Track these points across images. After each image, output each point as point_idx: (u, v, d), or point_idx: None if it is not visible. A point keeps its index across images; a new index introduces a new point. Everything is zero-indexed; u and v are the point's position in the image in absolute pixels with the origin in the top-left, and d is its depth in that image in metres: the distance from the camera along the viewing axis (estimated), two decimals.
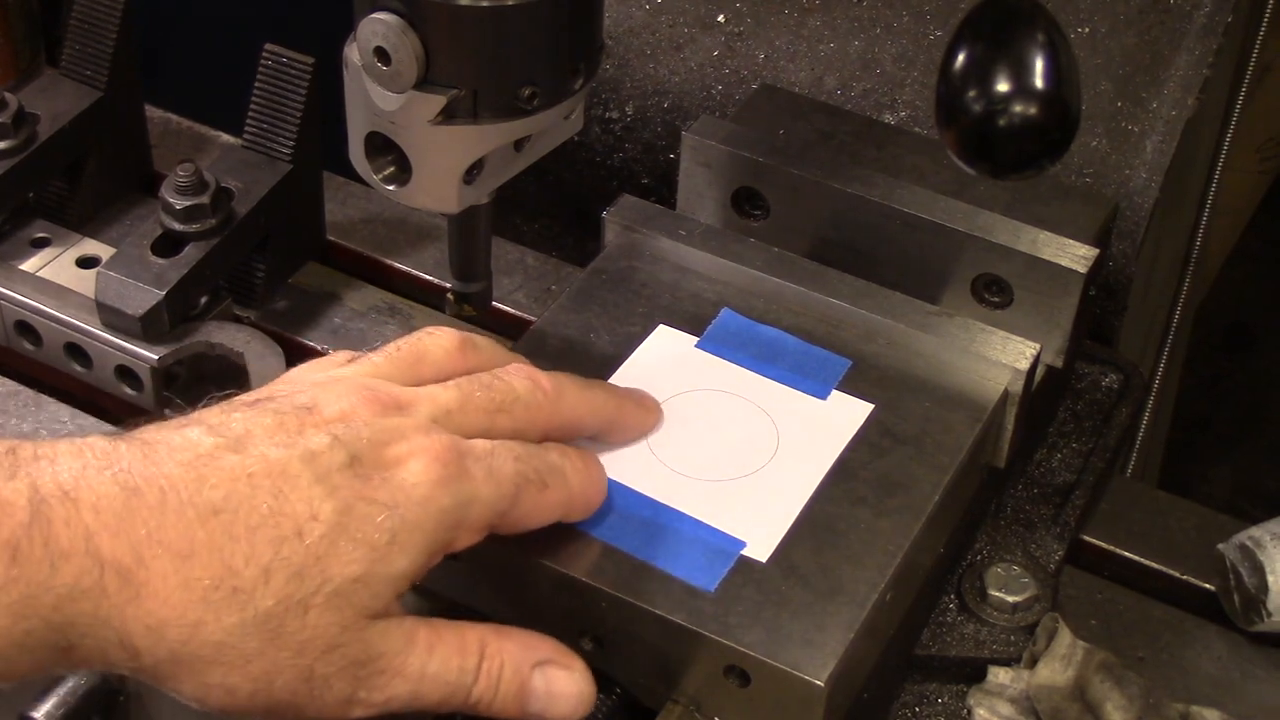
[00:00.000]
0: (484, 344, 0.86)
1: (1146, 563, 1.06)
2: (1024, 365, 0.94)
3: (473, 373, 0.83)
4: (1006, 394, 0.95)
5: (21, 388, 1.10)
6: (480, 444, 0.78)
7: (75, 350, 1.11)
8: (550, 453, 0.82)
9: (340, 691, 0.73)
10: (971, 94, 0.82)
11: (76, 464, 0.71)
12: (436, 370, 0.83)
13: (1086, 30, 1.20)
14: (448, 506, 0.75)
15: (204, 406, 0.78)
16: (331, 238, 1.23)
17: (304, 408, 0.76)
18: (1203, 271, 1.54)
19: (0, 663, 0.70)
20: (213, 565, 0.70)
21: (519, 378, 0.83)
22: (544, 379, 0.84)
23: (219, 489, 0.71)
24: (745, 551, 0.86)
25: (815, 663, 0.81)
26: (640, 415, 0.90)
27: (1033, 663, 0.94)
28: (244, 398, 0.79)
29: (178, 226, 1.10)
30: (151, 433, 0.75)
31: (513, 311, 1.16)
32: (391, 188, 0.90)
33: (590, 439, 0.88)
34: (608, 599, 0.84)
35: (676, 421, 0.92)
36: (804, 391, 0.95)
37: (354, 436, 0.74)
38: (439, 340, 0.84)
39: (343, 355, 0.85)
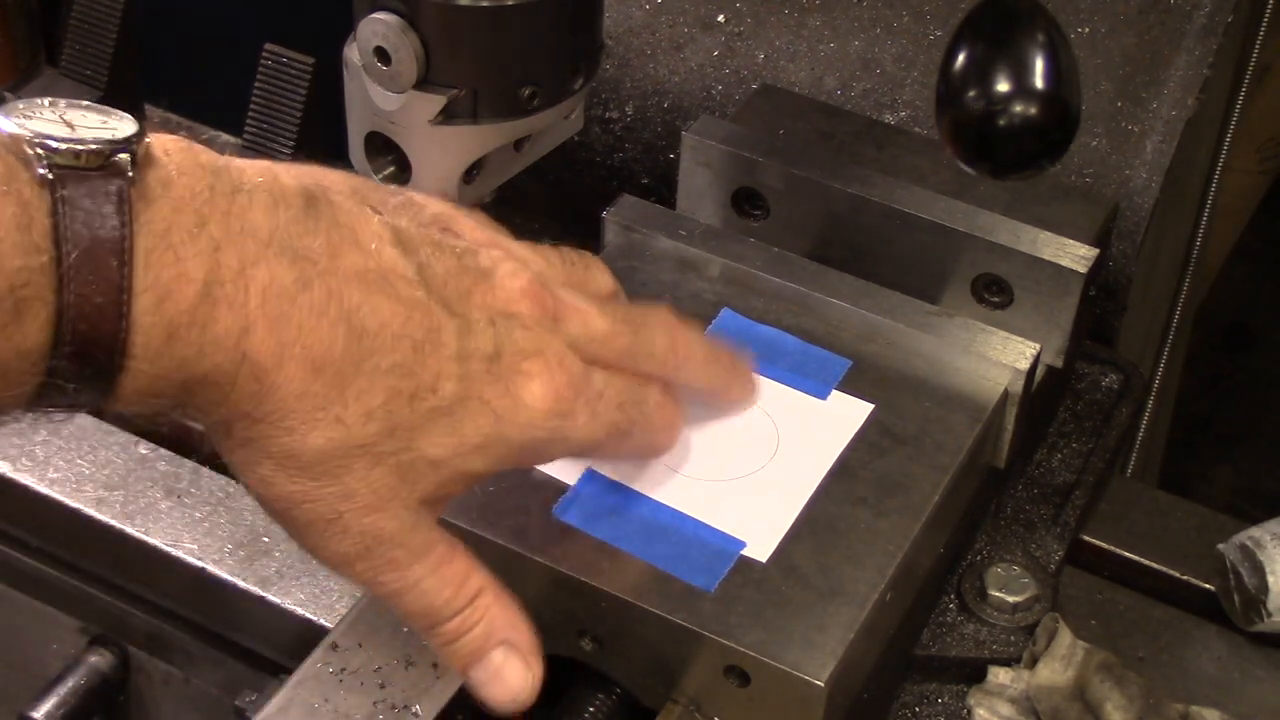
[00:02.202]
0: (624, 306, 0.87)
1: (1146, 563, 1.06)
2: (1024, 365, 0.94)
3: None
4: (1006, 394, 0.95)
5: None
6: (596, 381, 0.79)
7: None
8: (649, 403, 0.83)
9: (345, 548, 0.74)
10: (971, 94, 0.82)
11: (266, 227, 0.70)
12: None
13: (1086, 30, 1.20)
14: (541, 438, 0.77)
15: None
16: None
17: (484, 272, 0.77)
18: (1203, 271, 1.54)
19: (138, 405, 0.70)
20: (332, 386, 0.71)
21: (662, 334, 0.84)
22: (681, 343, 0.85)
23: (377, 316, 0.72)
24: (745, 551, 0.86)
25: (815, 663, 0.81)
26: (746, 391, 0.92)
27: (1033, 663, 0.94)
28: (431, 210, 0.79)
29: None
30: (351, 213, 0.74)
31: None
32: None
33: None
34: (608, 599, 0.84)
35: None
36: (804, 391, 0.94)
37: (507, 333, 0.76)
38: (599, 278, 0.86)
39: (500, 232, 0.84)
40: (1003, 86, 0.81)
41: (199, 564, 0.99)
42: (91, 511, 1.04)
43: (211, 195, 0.69)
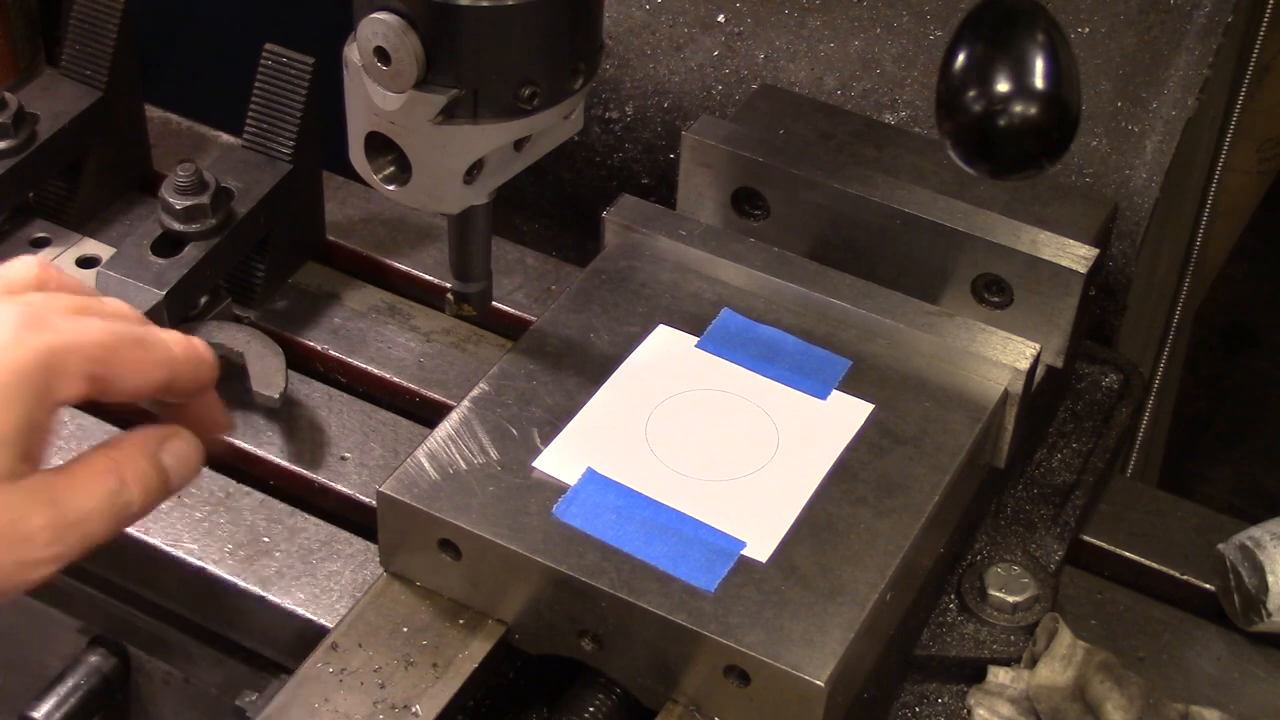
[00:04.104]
0: (66, 279, 0.85)
1: (1146, 563, 1.06)
2: (1024, 365, 0.94)
3: None
4: (1006, 394, 0.95)
5: None
6: (70, 312, 0.79)
7: None
8: (150, 326, 0.82)
9: (5, 559, 0.74)
10: (971, 94, 0.82)
11: None
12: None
13: (1086, 30, 1.20)
14: (35, 354, 0.75)
15: None
16: (331, 238, 1.23)
17: None
18: (1203, 271, 1.54)
19: None
20: None
21: (111, 300, 0.84)
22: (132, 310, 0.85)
23: None
24: (745, 551, 0.86)
25: (815, 663, 0.81)
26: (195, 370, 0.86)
27: (1033, 663, 0.94)
28: None
29: (178, 226, 1.10)
30: None
31: (513, 311, 1.16)
32: (391, 188, 0.90)
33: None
34: (608, 599, 0.84)
35: (676, 421, 0.93)
36: (804, 391, 0.95)
37: None
38: (14, 268, 0.83)
39: None
40: (1003, 86, 0.81)
41: (199, 564, 0.99)
42: None
43: None
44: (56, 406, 0.77)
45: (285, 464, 1.06)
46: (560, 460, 0.90)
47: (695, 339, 0.97)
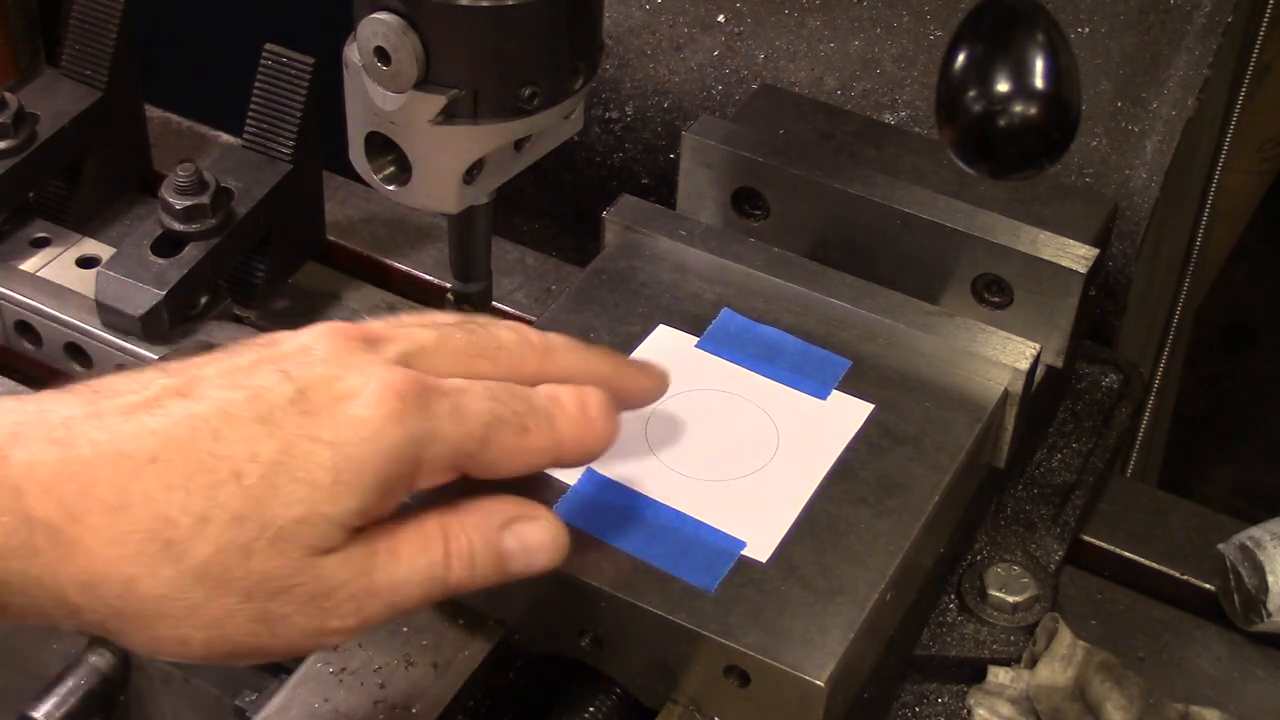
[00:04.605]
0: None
1: (1146, 563, 1.06)
2: (1024, 365, 0.94)
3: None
4: (1006, 394, 0.95)
5: (21, 388, 1.10)
6: (451, 381, 0.74)
7: (75, 350, 1.11)
8: (538, 395, 0.77)
9: (305, 625, 0.70)
10: (971, 94, 0.82)
11: (13, 418, 0.69)
12: None
13: (1086, 30, 1.20)
14: (400, 443, 0.71)
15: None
16: (331, 238, 1.23)
17: (265, 345, 0.74)
18: (1203, 271, 1.54)
19: None
20: (145, 517, 0.67)
21: (504, 328, 0.79)
22: (532, 333, 0.80)
23: (158, 435, 0.68)
24: (745, 551, 0.86)
25: (815, 663, 0.81)
26: (640, 380, 0.86)
27: (1033, 663, 0.94)
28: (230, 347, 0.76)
29: (178, 226, 1.10)
30: (106, 380, 0.72)
31: (513, 311, 1.16)
32: (391, 188, 0.90)
33: None
34: (608, 599, 0.84)
35: (676, 421, 0.92)
36: (804, 391, 0.95)
37: (306, 371, 0.71)
38: (426, 317, 0.80)
39: None
40: (1003, 86, 0.81)
41: None
42: None
43: None
44: (403, 495, 0.73)
45: None
46: None
47: (695, 339, 0.97)
